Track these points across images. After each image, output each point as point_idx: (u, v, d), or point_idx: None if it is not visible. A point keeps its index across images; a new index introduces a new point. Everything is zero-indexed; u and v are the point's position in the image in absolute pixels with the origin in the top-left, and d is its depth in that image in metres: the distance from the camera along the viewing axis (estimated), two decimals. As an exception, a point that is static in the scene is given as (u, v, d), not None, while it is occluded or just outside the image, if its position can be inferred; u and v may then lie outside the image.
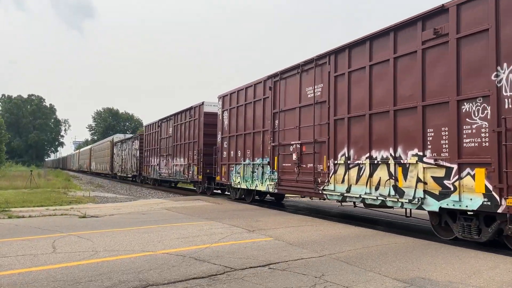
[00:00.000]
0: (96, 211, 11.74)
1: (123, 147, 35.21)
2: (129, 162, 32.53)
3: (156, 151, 25.19)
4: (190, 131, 19.64)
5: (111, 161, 40.13)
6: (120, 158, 36.03)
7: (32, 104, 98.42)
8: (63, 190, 20.71)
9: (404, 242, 7.40)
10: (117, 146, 37.95)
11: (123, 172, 34.68)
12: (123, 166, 34.65)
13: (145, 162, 27.80)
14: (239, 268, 5.43)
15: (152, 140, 26.23)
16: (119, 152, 36.98)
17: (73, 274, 5.06)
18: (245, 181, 14.11)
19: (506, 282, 4.90)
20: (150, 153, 26.40)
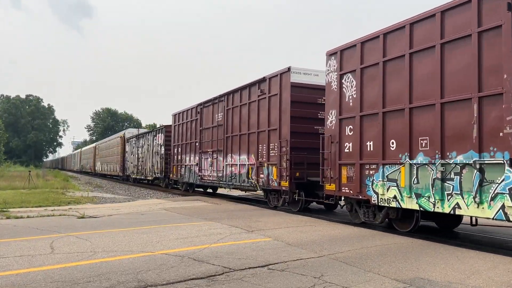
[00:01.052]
0: (95, 212, 11.72)
1: (139, 144, 28.88)
2: (149, 161, 26.24)
3: (192, 146, 19.03)
4: (260, 115, 13.27)
5: (122, 161, 34.12)
6: (135, 157, 29.73)
7: (30, 105, 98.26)
8: (62, 191, 20.67)
9: (403, 242, 7.39)
10: (131, 143, 31.61)
11: (140, 173, 28.46)
12: (140, 166, 28.37)
13: (174, 161, 21.54)
14: (238, 268, 5.42)
15: (185, 132, 20.02)
16: (133, 149, 30.60)
17: (71, 274, 5.05)
18: (421, 196, 7.53)
19: (505, 283, 4.89)
20: (183, 150, 20.26)
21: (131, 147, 31.31)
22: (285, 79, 12.18)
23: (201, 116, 18.10)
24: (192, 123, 19.28)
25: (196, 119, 18.68)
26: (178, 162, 20.99)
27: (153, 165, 25.32)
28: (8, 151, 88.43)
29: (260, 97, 13.30)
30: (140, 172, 28.52)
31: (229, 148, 15.31)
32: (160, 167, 23.91)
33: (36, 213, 11.09)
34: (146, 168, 26.92)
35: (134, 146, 30.25)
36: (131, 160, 31.37)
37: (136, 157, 29.56)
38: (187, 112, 20.07)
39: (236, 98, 15.04)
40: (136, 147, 29.62)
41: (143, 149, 27.84)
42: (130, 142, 31.89)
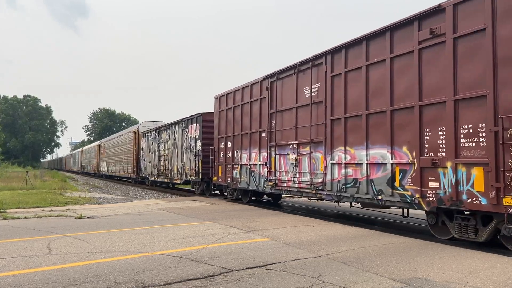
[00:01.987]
0: (92, 212, 11.69)
1: (160, 138, 23.42)
2: (176, 160, 20.83)
3: (254, 138, 13.57)
4: (425, 75, 7.77)
5: (136, 160, 28.58)
6: (155, 155, 24.35)
7: (27, 105, 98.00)
8: (59, 191, 20.62)
9: (401, 242, 7.40)
10: (148, 138, 26.17)
11: (162, 175, 22.94)
12: (162, 166, 22.87)
13: (219, 160, 15.83)
14: (236, 269, 5.41)
15: (240, 118, 14.46)
16: (152, 146, 25.06)
17: (69, 275, 5.02)
18: None
19: (503, 282, 4.90)
20: (236, 144, 14.71)
21: (149, 143, 25.74)
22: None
23: (272, 93, 12.66)
24: (253, 106, 13.68)
25: (262, 99, 13.13)
26: (227, 161, 15.15)
27: (184, 165, 19.58)
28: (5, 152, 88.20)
29: (425, 44, 7.74)
30: (162, 173, 22.90)
31: (338, 138, 9.91)
32: (194, 167, 18.14)
33: (34, 214, 11.05)
34: (171, 169, 21.35)
35: (154, 141, 24.69)
36: (149, 159, 25.55)
37: (156, 155, 24.03)
38: (243, 91, 14.28)
39: (352, 54, 9.61)
40: (156, 143, 24.04)
41: (166, 144, 22.30)
42: (147, 137, 26.35)
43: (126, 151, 31.60)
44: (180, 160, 20.34)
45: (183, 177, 19.83)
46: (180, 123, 20.49)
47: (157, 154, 23.91)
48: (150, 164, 25.36)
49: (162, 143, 23.30)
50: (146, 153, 26.41)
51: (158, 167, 23.80)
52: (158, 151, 23.80)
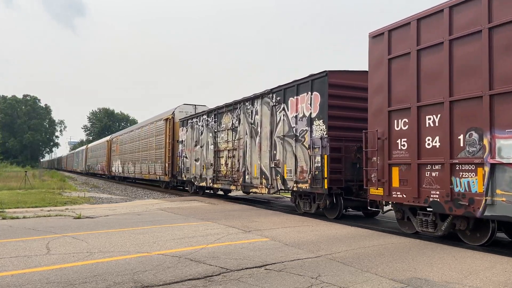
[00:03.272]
0: (91, 212, 11.67)
1: (219, 125, 16.00)
2: (258, 156, 13.14)
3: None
4: None
5: (171, 158, 21.03)
6: (208, 149, 16.76)
7: (27, 105, 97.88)
8: (58, 191, 20.59)
9: (401, 242, 7.39)
10: (192, 126, 18.59)
11: (226, 179, 15.27)
12: (225, 167, 15.36)
13: (389, 153, 8.23)
14: (235, 269, 5.40)
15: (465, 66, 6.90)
16: (201, 137, 17.55)
17: (67, 275, 5.01)
18: None
19: (502, 282, 4.89)
20: (465, 118, 6.86)
21: (194, 134, 18.36)
22: None
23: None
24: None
25: None
26: (425, 154, 7.55)
27: (278, 163, 11.95)
28: (4, 152, 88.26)
29: None
30: (225, 177, 15.20)
31: None
32: (307, 168, 10.62)
33: (32, 214, 11.03)
34: (246, 171, 13.75)
35: (204, 130, 17.31)
36: (195, 156, 18.07)
37: (210, 151, 16.61)
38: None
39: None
40: (210, 132, 16.65)
41: (234, 133, 14.71)
42: (190, 125, 18.86)
43: (153, 146, 24.07)
44: (268, 156, 12.45)
45: (276, 184, 11.95)
46: (267, 96, 12.66)
47: (213, 148, 16.23)
48: (198, 163, 17.67)
49: (222, 132, 15.70)
50: (189, 147, 18.75)
51: (216, 168, 15.96)
52: (215, 144, 16.11)
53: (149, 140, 25.24)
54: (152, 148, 24.50)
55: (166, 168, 21.59)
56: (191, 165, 18.55)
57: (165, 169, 21.72)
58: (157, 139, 23.57)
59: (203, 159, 17.35)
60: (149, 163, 24.92)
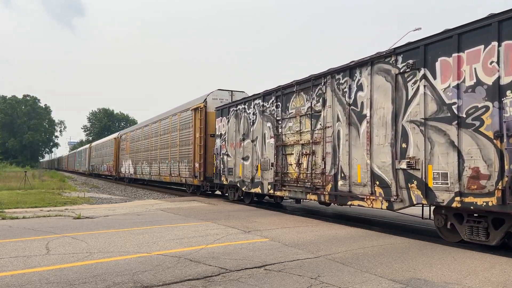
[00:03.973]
0: (91, 212, 11.67)
1: (286, 110, 11.80)
2: (367, 152, 8.76)
3: None
4: None
5: (203, 156, 17.08)
6: (264, 144, 12.86)
7: (26, 105, 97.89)
8: (58, 191, 20.59)
9: (400, 242, 7.40)
10: (236, 115, 14.76)
11: (297, 185, 11.08)
12: (296, 167, 11.14)
13: None
14: (235, 269, 5.40)
15: None
16: (253, 128, 13.57)
17: (67, 276, 5.01)
18: None
19: (501, 283, 4.90)
20: None
21: (241, 125, 14.29)
22: None
23: None
24: None
25: None
26: None
27: (415, 162, 7.72)
28: (4, 152, 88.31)
29: None
30: (296, 182, 11.15)
31: None
32: (499, 170, 6.29)
33: (32, 214, 11.03)
34: (335, 173, 9.74)
35: (257, 119, 13.28)
36: (243, 154, 14.11)
37: (267, 147, 12.64)
38: None
39: None
40: (269, 121, 12.54)
41: (315, 121, 10.58)
42: (235, 113, 14.76)
43: (176, 142, 20.28)
44: (389, 151, 8.32)
45: (409, 195, 7.88)
46: (383, 60, 8.59)
47: (273, 142, 12.13)
48: (248, 162, 13.69)
49: (290, 120, 11.49)
50: (232, 142, 14.79)
51: (280, 169, 11.78)
52: (278, 137, 11.92)
53: (170, 136, 21.24)
54: (174, 145, 20.52)
55: (195, 169, 17.48)
56: (236, 165, 14.49)
57: (193, 170, 17.62)
58: (182, 133, 19.54)
59: (256, 157, 13.21)
60: (171, 163, 20.85)
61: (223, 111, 15.87)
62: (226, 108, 15.59)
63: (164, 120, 22.79)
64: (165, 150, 21.99)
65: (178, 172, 19.70)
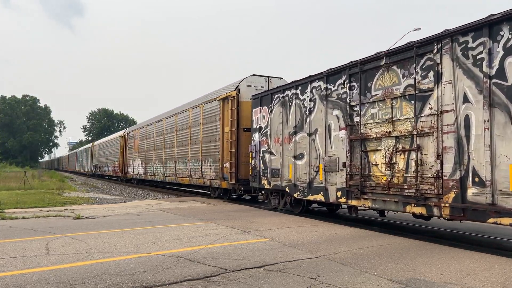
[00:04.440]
0: (91, 212, 11.67)
1: (364, 94, 8.99)
2: None
3: None
4: None
5: (234, 154, 14.39)
6: (341, 142, 9.57)
7: (26, 105, 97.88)
8: (58, 191, 20.58)
9: (399, 242, 7.40)
10: (291, 103, 11.55)
11: (377, 192, 8.51)
12: (393, 172, 8.20)
13: None
14: (234, 269, 5.40)
15: None
16: (314, 118, 10.58)
17: (67, 276, 5.01)
18: None
19: (501, 283, 4.90)
20: None
21: (290, 115, 11.64)
22: None
23: None
24: None
25: None
26: None
27: None
28: (3, 152, 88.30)
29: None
30: (387, 189, 8.28)
31: None
32: None
33: (31, 214, 11.02)
34: (461, 177, 6.89)
35: (316, 106, 10.62)
36: (293, 151, 11.35)
37: (334, 141, 9.90)
38: None
39: None
40: (338, 109, 9.79)
41: (422, 104, 7.71)
42: (281, 101, 12.12)
43: (197, 138, 17.47)
44: None
45: None
46: None
47: (346, 135, 9.50)
48: (303, 161, 10.95)
49: (374, 105, 8.85)
50: (278, 136, 12.08)
51: (357, 171, 9.12)
52: (353, 128, 9.35)
53: (190, 131, 18.46)
54: (196, 142, 17.71)
55: (223, 170, 14.93)
56: (283, 165, 11.73)
57: (221, 170, 15.07)
58: (206, 128, 16.75)
59: (315, 155, 10.45)
60: (191, 163, 18.08)
61: (263, 100, 13.04)
62: (268, 95, 12.79)
63: (182, 114, 19.87)
64: (184, 148, 19.20)
65: (201, 173, 16.94)
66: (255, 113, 13.53)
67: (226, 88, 15.68)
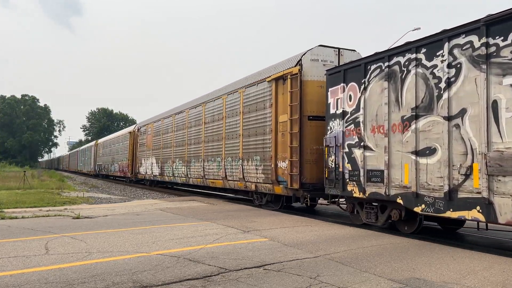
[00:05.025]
0: (90, 212, 11.66)
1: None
2: None
3: None
4: None
5: (294, 153, 11.05)
6: None
7: (25, 104, 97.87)
8: (57, 191, 20.57)
9: (399, 242, 7.40)
10: (410, 72, 7.89)
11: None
12: None
13: None
14: (234, 269, 5.40)
15: None
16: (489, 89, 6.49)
17: (66, 275, 5.01)
18: None
19: (500, 282, 4.90)
20: None
21: (408, 91, 8.00)
22: None
23: None
24: None
25: None
26: None
27: None
28: (3, 151, 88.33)
29: None
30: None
31: None
32: None
33: (31, 214, 11.02)
34: None
35: (505, 68, 6.27)
36: (424, 142, 7.58)
37: None
38: None
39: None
40: None
41: None
42: (384, 74, 8.51)
43: (236, 131, 14.36)
44: None
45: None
46: None
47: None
48: (434, 160, 7.40)
49: None
50: (378, 123, 8.72)
51: None
52: None
53: (225, 123, 15.07)
54: (233, 136, 14.43)
55: (277, 171, 11.79)
56: (391, 164, 8.32)
57: (274, 172, 11.84)
58: (249, 118, 13.44)
59: (462, 149, 6.95)
60: (227, 162, 14.75)
61: (348, 74, 9.58)
62: (358, 66, 9.29)
63: (212, 103, 16.40)
64: (215, 144, 15.76)
65: (242, 174, 13.64)
66: (332, 93, 10.04)
67: (281, 64, 12.28)
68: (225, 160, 14.92)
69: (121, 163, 30.42)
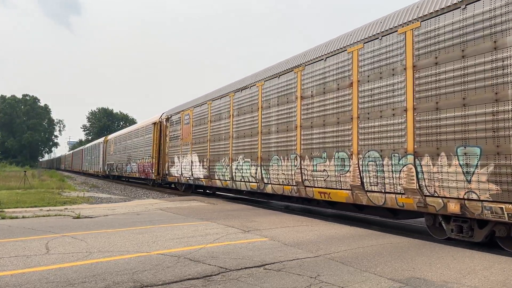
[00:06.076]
0: (91, 212, 11.67)
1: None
2: None
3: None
4: None
5: None
6: None
7: (26, 104, 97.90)
8: (57, 191, 20.58)
9: (399, 242, 7.41)
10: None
11: None
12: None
13: None
14: (234, 268, 5.41)
15: None
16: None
17: (67, 275, 5.02)
18: None
19: (501, 282, 4.91)
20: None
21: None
22: None
23: None
24: None
25: None
26: None
27: None
28: (3, 151, 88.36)
29: None
30: None
31: None
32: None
33: (31, 213, 11.02)
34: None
35: None
36: None
37: None
38: None
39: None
40: None
41: None
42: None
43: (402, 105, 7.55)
44: None
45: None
46: None
47: None
48: None
49: None
50: None
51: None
52: None
53: (346, 96, 9.05)
54: (376, 115, 8.21)
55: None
56: None
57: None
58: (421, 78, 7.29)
59: None
60: (365, 159, 8.48)
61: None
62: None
63: (311, 65, 10.22)
64: (330, 129, 9.52)
65: (412, 180, 7.49)
66: None
67: None
68: (359, 157, 8.67)
69: (142, 161, 24.75)
